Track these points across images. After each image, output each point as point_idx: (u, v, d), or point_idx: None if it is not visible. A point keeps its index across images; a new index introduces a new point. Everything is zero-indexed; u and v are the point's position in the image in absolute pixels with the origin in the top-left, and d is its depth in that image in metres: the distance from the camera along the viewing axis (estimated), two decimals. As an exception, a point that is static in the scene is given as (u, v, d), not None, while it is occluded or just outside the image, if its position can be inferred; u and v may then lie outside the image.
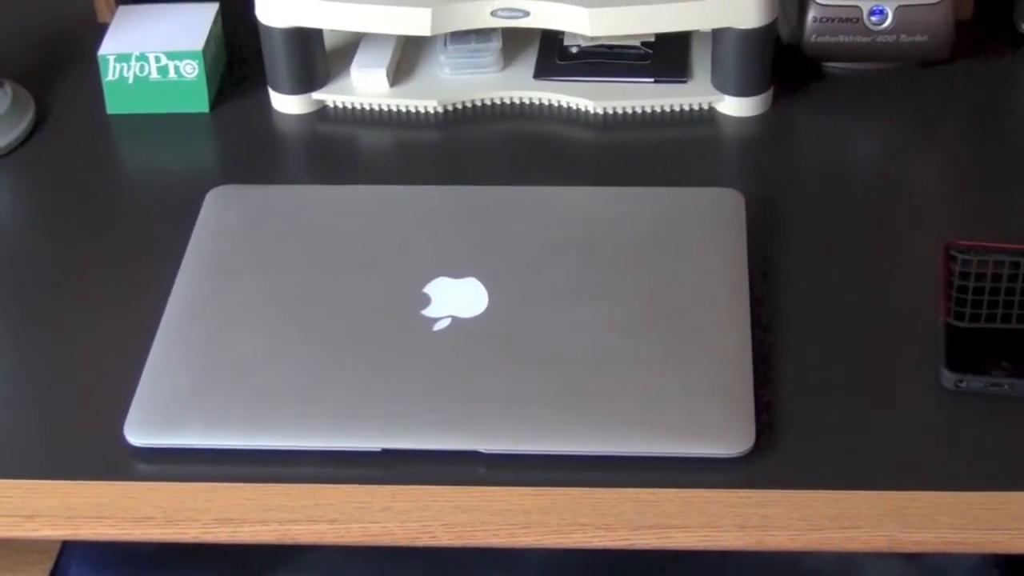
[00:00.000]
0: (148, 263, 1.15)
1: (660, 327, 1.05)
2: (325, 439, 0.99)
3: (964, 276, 1.07)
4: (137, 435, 1.00)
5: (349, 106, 1.32)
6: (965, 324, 1.04)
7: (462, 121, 1.31)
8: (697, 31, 1.33)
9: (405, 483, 0.97)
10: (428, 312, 1.06)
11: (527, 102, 1.32)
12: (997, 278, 1.07)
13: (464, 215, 1.16)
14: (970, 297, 1.05)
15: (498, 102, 1.32)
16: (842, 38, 1.30)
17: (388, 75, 1.32)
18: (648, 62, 1.32)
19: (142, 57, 1.30)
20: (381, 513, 0.96)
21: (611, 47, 1.33)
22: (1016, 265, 1.08)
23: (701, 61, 1.32)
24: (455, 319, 1.05)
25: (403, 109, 1.32)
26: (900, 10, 1.29)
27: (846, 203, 1.20)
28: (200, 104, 1.32)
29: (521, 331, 1.05)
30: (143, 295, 1.11)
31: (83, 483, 0.99)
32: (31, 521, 0.97)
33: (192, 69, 1.31)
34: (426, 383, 1.01)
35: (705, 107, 1.30)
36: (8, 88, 1.32)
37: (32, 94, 1.34)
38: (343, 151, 1.30)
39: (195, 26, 1.33)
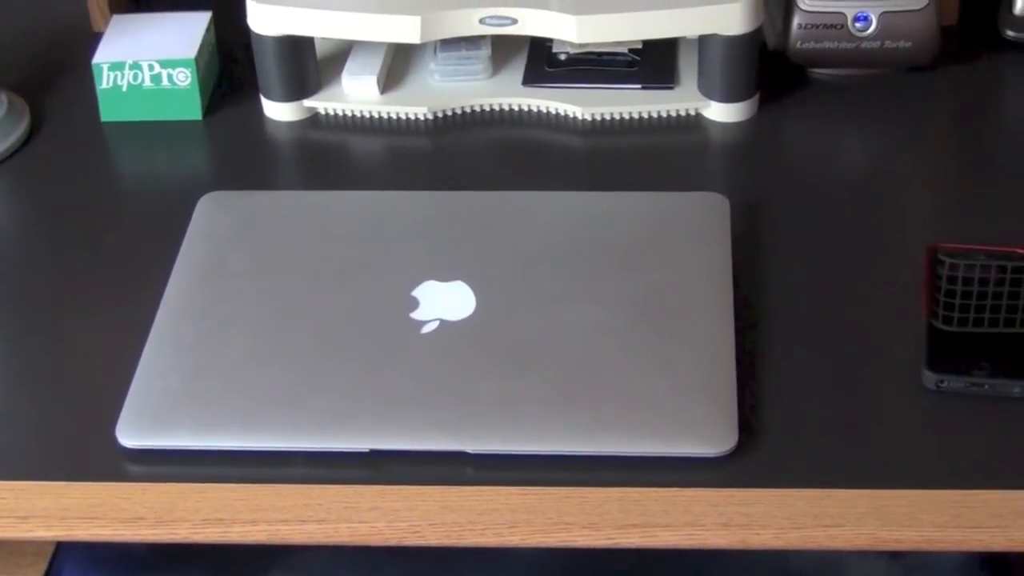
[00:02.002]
0: (141, 268, 1.16)
1: (645, 329, 1.06)
2: (314, 440, 1.00)
3: (951, 280, 1.07)
4: (129, 436, 1.01)
5: (340, 113, 1.34)
6: (953, 328, 1.05)
7: (452, 128, 1.32)
8: (684, 38, 1.34)
9: (393, 483, 0.98)
10: (416, 315, 1.07)
11: (516, 108, 1.33)
12: (984, 282, 1.08)
13: (453, 220, 1.17)
14: (958, 301, 1.06)
15: (487, 109, 1.33)
16: (827, 44, 1.31)
17: (379, 82, 1.33)
18: (635, 69, 1.33)
19: (136, 65, 1.31)
20: (369, 513, 0.97)
21: (599, 54, 1.34)
22: (1002, 269, 1.08)
23: (688, 67, 1.33)
24: (443, 322, 1.07)
25: (393, 116, 1.33)
26: (884, 16, 1.30)
27: (831, 207, 1.21)
28: (193, 112, 1.33)
29: (508, 333, 1.06)
30: (136, 299, 1.12)
31: (76, 484, 0.99)
32: (25, 522, 0.98)
33: (185, 77, 1.32)
34: (414, 385, 1.02)
35: (692, 113, 1.31)
36: (3, 96, 1.33)
37: (27, 102, 1.35)
38: (334, 158, 1.31)
39: (188, 34, 1.34)
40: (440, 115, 1.33)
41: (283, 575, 1.17)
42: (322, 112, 1.34)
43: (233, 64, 1.39)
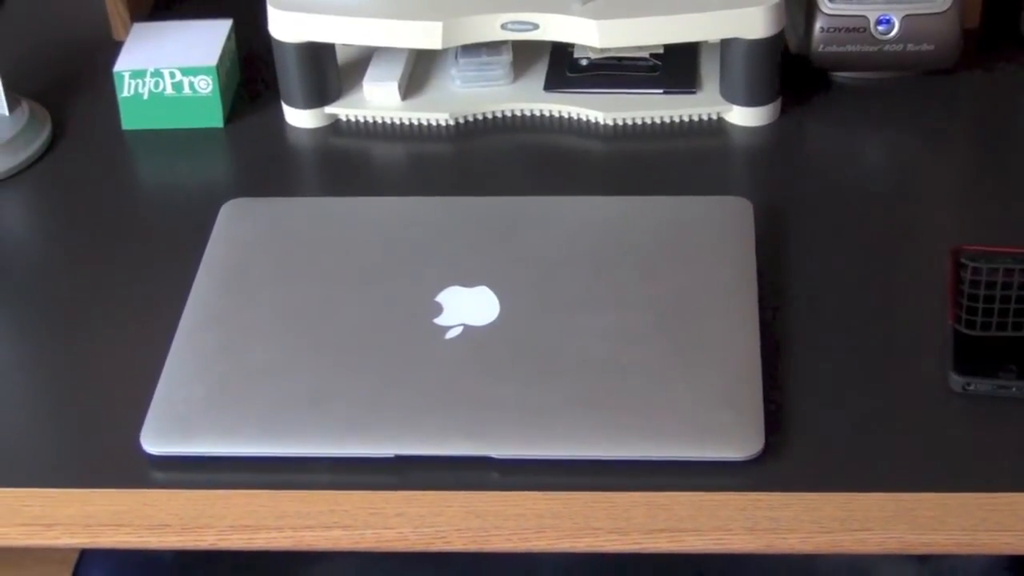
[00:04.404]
0: (164, 276, 1.16)
1: (670, 334, 1.05)
2: (339, 446, 1.00)
3: (974, 284, 1.07)
4: (153, 444, 1.01)
5: (362, 119, 1.34)
6: (977, 332, 1.04)
7: (473, 133, 1.32)
8: (705, 42, 1.34)
9: (418, 489, 0.98)
10: (440, 320, 1.07)
11: (538, 114, 1.33)
12: (1007, 285, 1.07)
13: (475, 225, 1.17)
14: (981, 305, 1.06)
15: (509, 114, 1.33)
16: (849, 47, 1.31)
17: (400, 88, 1.33)
18: (657, 73, 1.33)
19: (157, 73, 1.32)
20: (395, 519, 0.97)
21: (620, 59, 1.34)
22: (1027, 271, 1.08)
23: (710, 72, 1.33)
24: (467, 327, 1.06)
25: (415, 122, 1.33)
26: (907, 19, 1.29)
27: (854, 211, 1.20)
28: (214, 119, 1.33)
29: (532, 338, 1.05)
30: (159, 307, 1.12)
31: (101, 491, 0.99)
32: (50, 530, 0.98)
33: (206, 84, 1.32)
34: (439, 390, 1.02)
35: (714, 117, 1.31)
36: (25, 105, 1.33)
37: (48, 111, 1.36)
38: (356, 164, 1.31)
39: (209, 42, 1.34)
40: (462, 121, 1.32)
41: (308, 582, 1.17)
42: (343, 119, 1.34)
43: (254, 71, 1.39)
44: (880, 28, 1.30)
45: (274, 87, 1.34)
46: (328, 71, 1.32)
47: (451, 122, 1.32)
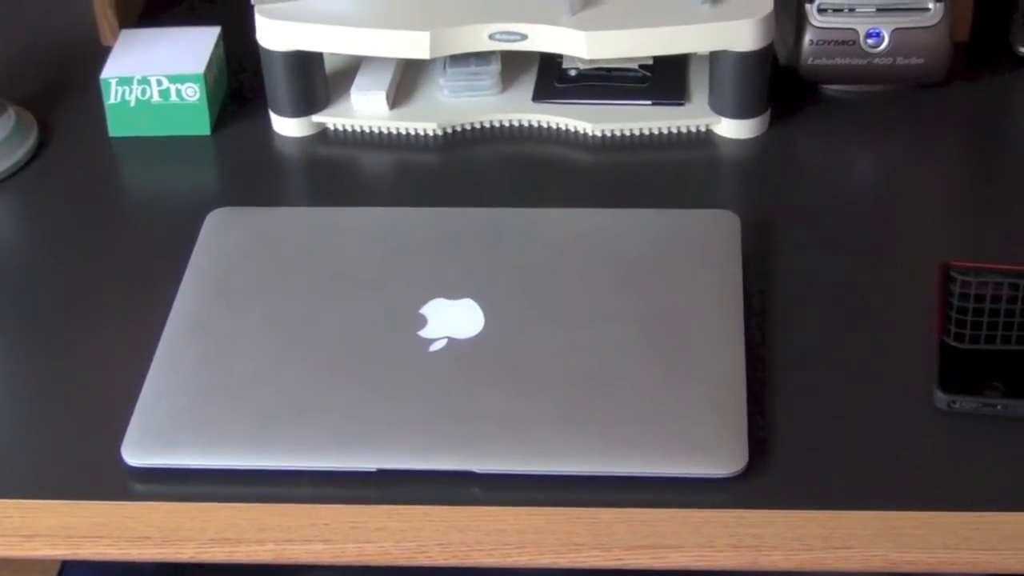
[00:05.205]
0: (148, 284, 1.16)
1: (655, 348, 1.05)
2: (321, 459, 0.99)
3: (963, 298, 1.07)
4: (134, 455, 1.00)
5: (349, 129, 1.33)
6: (965, 345, 1.04)
7: (461, 143, 1.32)
8: (695, 54, 1.34)
9: (401, 503, 0.98)
10: (424, 333, 1.07)
11: (526, 124, 1.32)
12: (996, 299, 1.07)
13: (462, 237, 1.16)
14: (970, 319, 1.05)
15: (497, 125, 1.33)
16: (839, 60, 1.30)
17: (388, 98, 1.32)
18: (646, 85, 1.33)
19: (144, 80, 1.31)
20: (376, 533, 0.96)
21: (609, 70, 1.34)
22: (1015, 287, 1.07)
23: (699, 83, 1.33)
24: (451, 340, 1.06)
25: (402, 132, 1.32)
26: (897, 32, 1.29)
27: (842, 224, 1.20)
28: (201, 127, 1.33)
29: (517, 352, 1.05)
30: (143, 316, 1.12)
31: (81, 503, 0.99)
32: (30, 541, 0.98)
33: (193, 92, 1.32)
34: (422, 403, 1.02)
35: (702, 129, 1.31)
36: (11, 111, 1.33)
37: (35, 117, 1.35)
38: (343, 173, 1.30)
39: (197, 49, 1.34)
40: (449, 131, 1.32)
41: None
42: (331, 127, 1.34)
43: (242, 79, 1.39)
44: (870, 41, 1.30)
45: (262, 95, 1.34)
46: (316, 80, 1.32)
47: (439, 132, 1.32)
